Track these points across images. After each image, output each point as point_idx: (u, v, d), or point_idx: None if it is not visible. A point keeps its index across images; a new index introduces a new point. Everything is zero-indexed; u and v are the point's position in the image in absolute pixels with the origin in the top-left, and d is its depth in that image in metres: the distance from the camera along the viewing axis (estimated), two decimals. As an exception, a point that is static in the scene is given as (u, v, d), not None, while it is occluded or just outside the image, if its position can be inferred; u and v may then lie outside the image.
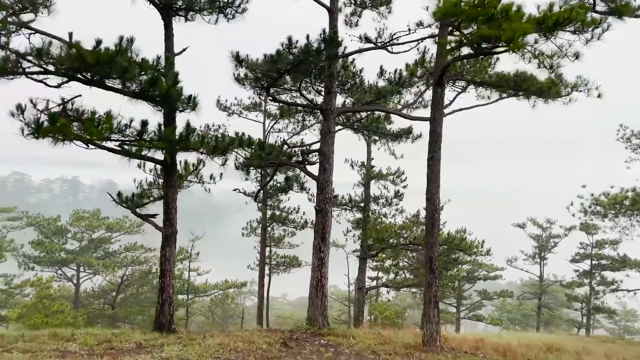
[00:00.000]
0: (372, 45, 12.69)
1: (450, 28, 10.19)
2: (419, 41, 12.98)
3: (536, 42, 7.70)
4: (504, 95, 13.40)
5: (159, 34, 11.40)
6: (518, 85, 11.12)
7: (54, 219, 38.82)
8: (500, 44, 7.17)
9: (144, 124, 8.46)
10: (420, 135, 17.59)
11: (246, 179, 15.21)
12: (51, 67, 8.68)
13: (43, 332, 9.16)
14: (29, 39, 9.20)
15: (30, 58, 8.23)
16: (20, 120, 8.00)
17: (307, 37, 10.57)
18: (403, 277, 26.96)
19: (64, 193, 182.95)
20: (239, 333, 9.95)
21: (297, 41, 10.43)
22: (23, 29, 8.99)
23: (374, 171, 24.22)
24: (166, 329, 10.42)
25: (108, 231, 39.35)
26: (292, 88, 12.76)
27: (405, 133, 17.70)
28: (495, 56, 13.61)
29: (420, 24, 10.81)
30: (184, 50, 11.01)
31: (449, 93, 14.95)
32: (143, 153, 10.05)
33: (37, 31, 9.20)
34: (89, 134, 7.65)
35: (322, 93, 13.46)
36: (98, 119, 8.01)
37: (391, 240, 22.27)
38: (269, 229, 27.97)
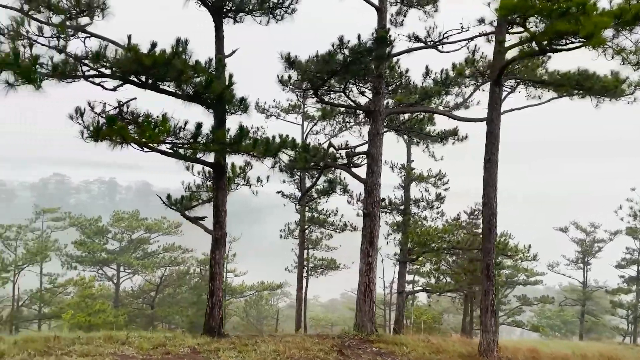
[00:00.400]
0: (421, 44, 12.34)
1: (508, 25, 9.77)
2: (470, 40, 12.55)
3: (614, 37, 7.24)
4: (559, 94, 12.82)
5: (205, 36, 11.38)
6: (580, 84, 10.57)
7: (95, 219, 39.79)
8: (577, 40, 6.76)
9: (199, 126, 8.37)
10: (467, 137, 17.11)
11: (293, 181, 15.06)
12: (106, 71, 8.72)
13: (98, 335, 9.20)
14: (84, 42, 9.27)
15: (86, 61, 8.26)
16: (79, 124, 8.03)
17: (359, 36, 10.33)
18: (444, 282, 26.36)
19: (101, 194, 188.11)
20: (289, 339, 9.77)
21: (348, 41, 10.20)
22: (79, 32, 9.06)
23: (414, 173, 23.77)
24: (216, 332, 10.33)
25: (147, 232, 40.10)
26: (338, 89, 12.54)
27: (451, 134, 17.23)
28: (547, 54, 13.05)
29: (481, 21, 10.36)
30: (234, 52, 10.93)
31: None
32: (197, 156, 10.06)
33: (92, 35, 9.26)
34: (147, 137, 7.60)
35: (365, 94, 13.21)
36: (155, 121, 7.97)
37: (432, 244, 21.78)
38: (306, 231, 27.86)
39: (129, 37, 7.71)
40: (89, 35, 9.34)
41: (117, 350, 7.87)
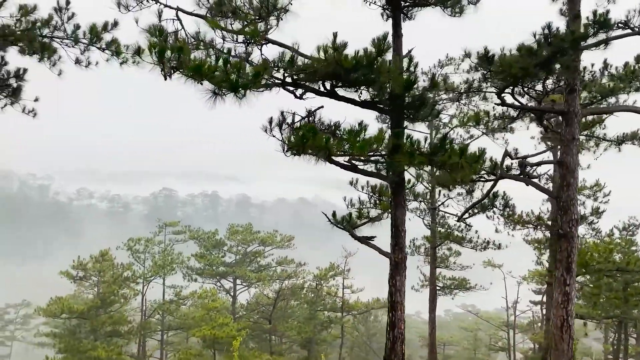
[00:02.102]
0: (628, 31, 10.28)
1: None
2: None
3: None
4: None
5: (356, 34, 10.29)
6: None
7: (212, 232, 40.91)
8: None
9: (398, 136, 7.16)
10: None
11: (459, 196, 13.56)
12: (287, 78, 7.87)
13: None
14: (260, 49, 8.54)
15: (276, 68, 7.41)
16: (273, 136, 7.17)
17: (567, 24, 8.64)
18: (599, 307, 23.12)
19: (205, 207, 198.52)
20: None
21: (557, 29, 8.53)
22: (258, 38, 8.31)
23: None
24: (401, 371, 9.04)
25: (261, 245, 40.45)
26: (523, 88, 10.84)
27: (630, 138, 14.70)
28: None
29: None
30: (410, 52, 9.70)
31: None
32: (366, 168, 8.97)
33: (270, 41, 8.49)
34: (353, 148, 6.53)
35: (542, 93, 11.37)
36: (355, 132, 6.88)
37: (594, 264, 18.96)
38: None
39: (335, 35, 6.70)
40: (265, 42, 8.61)
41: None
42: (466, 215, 17.87)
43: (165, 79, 6.48)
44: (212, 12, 7.97)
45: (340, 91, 8.36)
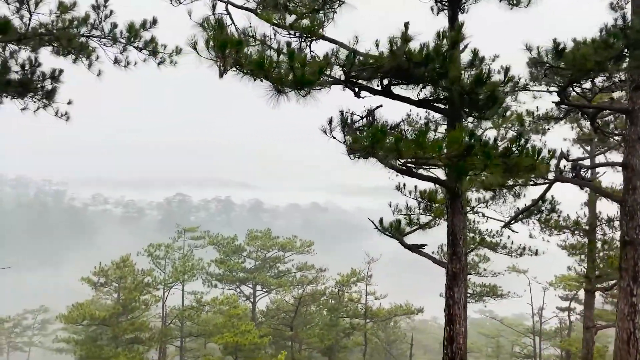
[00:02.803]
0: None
1: None
2: None
3: None
4: None
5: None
6: None
7: (231, 238, 40.48)
8: None
9: (471, 136, 6.56)
10: None
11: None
12: (346, 74, 7.33)
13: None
14: (309, 45, 8.02)
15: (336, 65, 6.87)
16: (334, 137, 6.62)
17: (632, 16, 7.99)
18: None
19: (218, 212, 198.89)
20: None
21: (630, 20, 7.89)
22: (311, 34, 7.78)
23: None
24: (462, 389, 8.41)
25: (281, 250, 39.92)
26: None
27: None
28: None
29: None
30: (466, 47, 9.12)
31: None
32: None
33: (323, 37, 7.97)
34: (430, 149, 5.96)
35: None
36: (423, 132, 6.31)
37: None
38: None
39: (406, 25, 6.14)
40: (319, 37, 8.08)
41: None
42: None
43: (221, 76, 5.98)
44: (263, 5, 7.47)
45: (396, 89, 7.84)
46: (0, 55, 9.38)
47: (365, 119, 7.05)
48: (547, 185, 10.90)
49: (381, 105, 7.33)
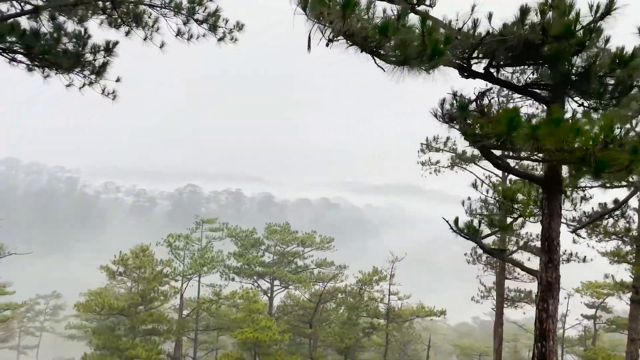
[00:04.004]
0: None
1: None
2: None
3: None
4: None
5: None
6: None
7: (250, 231, 39.72)
8: None
9: (610, 127, 5.61)
10: None
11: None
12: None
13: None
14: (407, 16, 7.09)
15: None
16: (446, 122, 5.71)
17: None
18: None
19: (228, 204, 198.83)
20: None
21: None
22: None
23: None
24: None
25: (300, 245, 39.10)
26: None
27: None
28: None
29: None
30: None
31: None
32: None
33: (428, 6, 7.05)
34: (584, 142, 5.02)
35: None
36: (553, 121, 5.38)
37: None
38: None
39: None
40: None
41: None
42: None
43: (328, 44, 5.11)
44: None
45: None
46: (50, 25, 8.57)
47: (475, 103, 6.14)
48: (634, 189, 9.92)
49: (491, 89, 6.42)
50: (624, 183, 10.19)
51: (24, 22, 8.29)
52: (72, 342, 53.12)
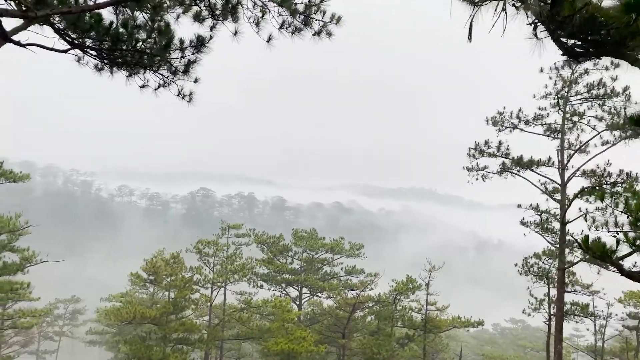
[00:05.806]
0: None
1: None
2: None
3: None
4: None
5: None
6: None
7: (277, 237, 38.77)
8: None
9: None
10: None
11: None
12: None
13: None
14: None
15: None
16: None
17: None
18: None
19: (241, 207, 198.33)
20: None
21: None
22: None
23: None
24: None
25: (329, 252, 38.10)
26: None
27: None
28: None
29: None
30: None
31: None
32: None
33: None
34: None
35: None
36: None
37: None
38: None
39: None
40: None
41: None
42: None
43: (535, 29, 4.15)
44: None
45: None
46: (130, 20, 7.67)
47: None
48: None
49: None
50: None
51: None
52: (90, 348, 52.44)
